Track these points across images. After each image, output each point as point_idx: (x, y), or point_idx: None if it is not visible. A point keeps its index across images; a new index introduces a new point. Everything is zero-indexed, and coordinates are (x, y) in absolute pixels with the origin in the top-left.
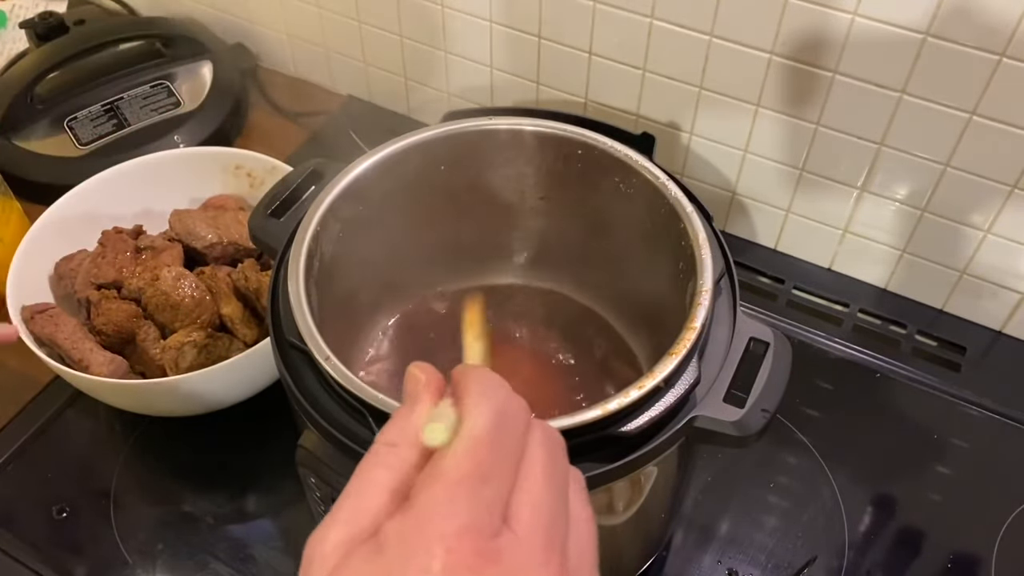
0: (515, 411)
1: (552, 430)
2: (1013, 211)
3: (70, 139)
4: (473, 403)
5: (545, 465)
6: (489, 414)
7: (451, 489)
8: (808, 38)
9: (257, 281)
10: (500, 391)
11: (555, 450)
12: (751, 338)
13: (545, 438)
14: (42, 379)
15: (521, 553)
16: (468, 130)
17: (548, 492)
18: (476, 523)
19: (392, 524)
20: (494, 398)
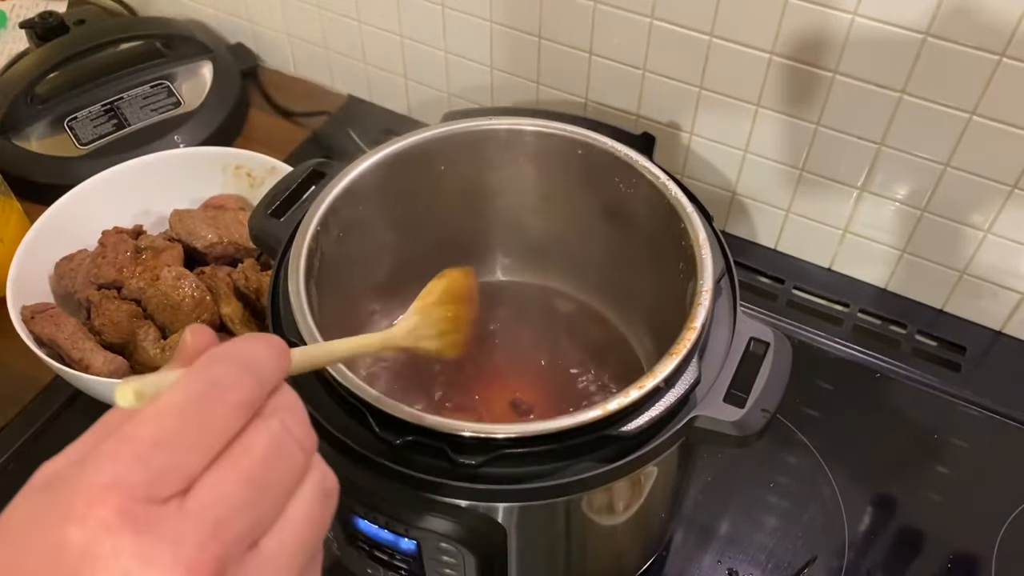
0: (236, 390)
1: (300, 427)
2: (1013, 211)
3: (70, 139)
4: (188, 372)
5: (260, 456)
6: (196, 385)
7: (117, 446)
8: (808, 38)
9: (257, 281)
10: (228, 366)
11: (285, 447)
12: (751, 338)
13: (280, 433)
14: (42, 379)
15: (178, 528)
16: (468, 130)
17: (247, 482)
18: (131, 484)
19: (64, 469)
20: (212, 371)
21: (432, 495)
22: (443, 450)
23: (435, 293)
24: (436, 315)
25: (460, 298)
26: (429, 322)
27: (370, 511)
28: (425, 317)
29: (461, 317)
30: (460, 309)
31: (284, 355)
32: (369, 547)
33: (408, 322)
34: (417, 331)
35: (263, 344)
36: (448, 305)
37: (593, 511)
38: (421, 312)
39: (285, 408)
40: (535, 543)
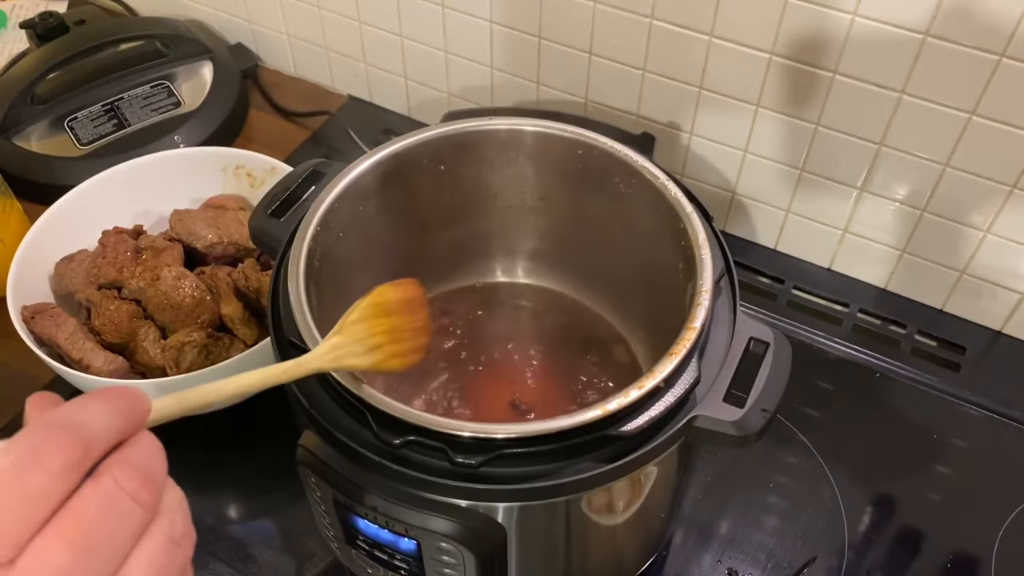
0: (56, 454)
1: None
2: (1013, 211)
3: (70, 139)
4: (9, 443)
5: (88, 519)
6: (16, 454)
7: None
8: (808, 38)
9: (257, 281)
10: (49, 432)
11: (117, 504)
12: (751, 338)
13: (111, 491)
14: (42, 379)
15: None
16: (468, 130)
17: (73, 545)
18: None
19: None
20: (32, 438)
21: (432, 495)
22: (443, 450)
23: (357, 310)
24: (360, 332)
25: (392, 310)
26: (353, 339)
27: (370, 511)
28: (347, 336)
29: (401, 328)
30: (396, 321)
31: (130, 410)
32: (369, 547)
33: (326, 344)
34: (338, 351)
35: (98, 402)
36: (376, 320)
37: (593, 511)
38: (342, 331)
39: (124, 462)
40: (535, 543)
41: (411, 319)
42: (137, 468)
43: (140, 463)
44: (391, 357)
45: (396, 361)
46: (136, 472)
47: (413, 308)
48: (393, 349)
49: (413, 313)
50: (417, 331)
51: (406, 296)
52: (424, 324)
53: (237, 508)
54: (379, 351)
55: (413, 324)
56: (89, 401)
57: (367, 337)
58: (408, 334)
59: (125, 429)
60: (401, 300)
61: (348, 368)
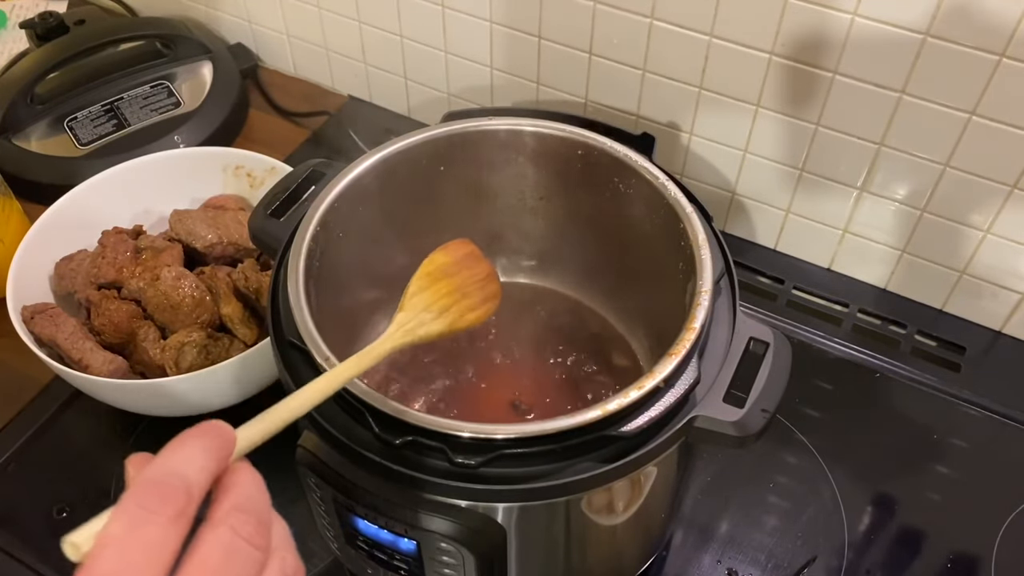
0: (164, 505)
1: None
2: (1013, 211)
3: (70, 139)
4: (117, 505)
5: (214, 569)
6: (126, 514)
7: None
8: (808, 38)
9: (257, 281)
10: (149, 486)
11: (239, 552)
12: (751, 338)
13: (232, 541)
14: (42, 379)
15: None
16: (468, 130)
17: None
18: None
19: None
20: (137, 495)
21: (432, 495)
22: (443, 450)
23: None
24: (423, 301)
25: (449, 272)
26: (417, 311)
27: (370, 511)
28: (410, 310)
29: (465, 283)
30: (457, 280)
31: (219, 445)
32: (369, 547)
33: (392, 324)
34: (406, 326)
35: (189, 447)
36: (435, 285)
37: (593, 511)
38: (404, 308)
39: (235, 509)
40: (535, 543)
41: (473, 272)
42: (250, 513)
43: (251, 507)
44: (465, 313)
45: (472, 315)
46: (249, 517)
47: (471, 263)
48: (464, 305)
49: (473, 267)
50: (484, 281)
51: (459, 255)
52: (489, 272)
53: None
54: (450, 312)
55: (477, 276)
56: (181, 447)
57: (433, 303)
58: (475, 287)
59: (219, 465)
60: (455, 260)
61: (424, 338)
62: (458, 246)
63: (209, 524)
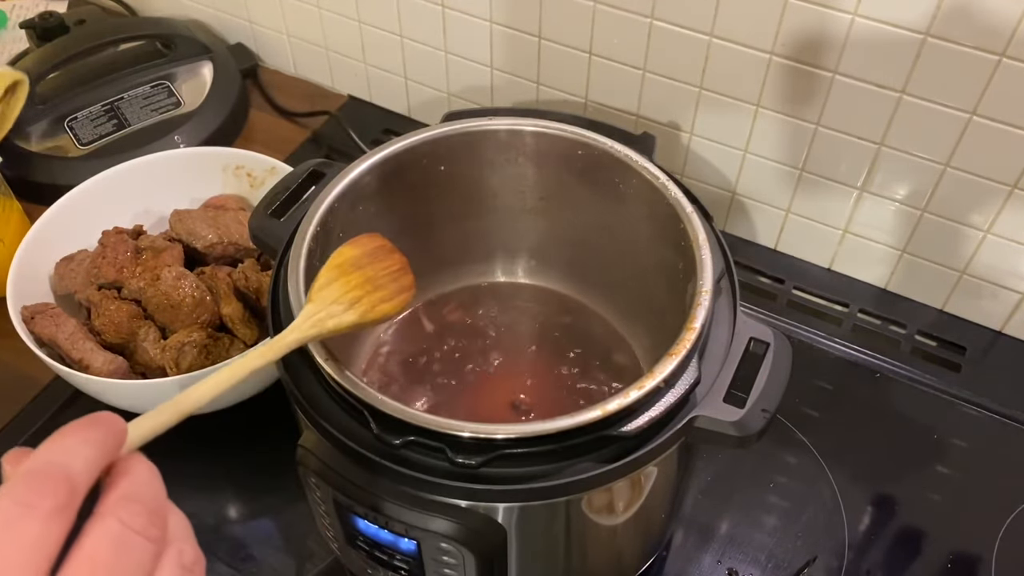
0: (43, 498)
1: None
2: (1013, 211)
3: (70, 139)
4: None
5: (103, 564)
6: (3, 509)
7: None
8: (808, 38)
9: (257, 281)
10: (31, 479)
11: (129, 544)
12: (751, 338)
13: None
14: (42, 379)
15: None
16: (468, 130)
17: None
18: None
19: None
20: (16, 489)
21: (432, 495)
22: (443, 450)
23: (321, 277)
24: (332, 293)
25: (359, 264)
26: (327, 302)
27: (370, 511)
28: (319, 302)
29: (377, 276)
30: (369, 271)
31: (105, 437)
32: (369, 547)
33: (299, 316)
34: (314, 317)
35: (72, 438)
36: (345, 277)
37: (593, 511)
38: (312, 299)
39: (124, 498)
40: (535, 543)
41: (384, 265)
42: (140, 503)
43: (142, 497)
44: (377, 304)
45: (385, 306)
46: (140, 507)
47: (382, 255)
48: (377, 296)
49: (384, 260)
50: (396, 273)
51: (369, 247)
52: (402, 266)
53: (237, 508)
54: (361, 303)
55: (389, 268)
56: (62, 439)
57: (343, 295)
58: (387, 278)
59: (105, 457)
60: (365, 253)
61: (333, 330)
62: (368, 239)
63: (96, 516)
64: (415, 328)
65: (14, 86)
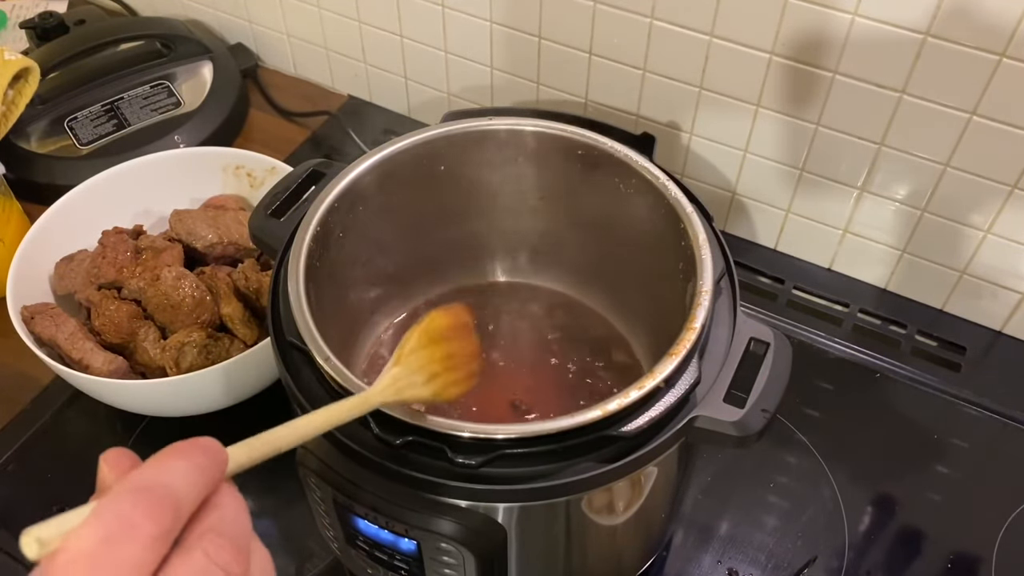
0: (147, 522)
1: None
2: (1013, 211)
3: (70, 139)
4: (95, 510)
5: None
6: (105, 525)
7: None
8: (808, 38)
9: (257, 281)
10: (138, 496)
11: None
12: (751, 338)
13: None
14: (42, 379)
15: None
16: (468, 130)
17: None
18: None
19: None
20: (121, 505)
21: (432, 495)
22: (443, 450)
23: (413, 339)
24: (417, 361)
25: (446, 337)
26: (411, 370)
27: (370, 511)
28: (406, 367)
29: (456, 355)
30: (451, 347)
31: (212, 465)
32: (369, 547)
33: (387, 376)
34: (398, 383)
35: (182, 461)
36: (433, 347)
37: (593, 511)
38: (400, 362)
39: (211, 531)
40: (535, 543)
41: (464, 344)
42: (227, 537)
43: (229, 531)
44: (449, 386)
45: (454, 390)
46: (226, 542)
47: (464, 334)
48: (450, 378)
49: (465, 339)
50: (469, 357)
51: (458, 322)
52: (475, 349)
53: None
54: (437, 380)
55: (466, 350)
56: (171, 459)
57: (426, 366)
58: (462, 360)
59: (209, 486)
60: (453, 326)
61: (409, 400)
62: (460, 312)
63: (182, 547)
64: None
65: (24, 72)
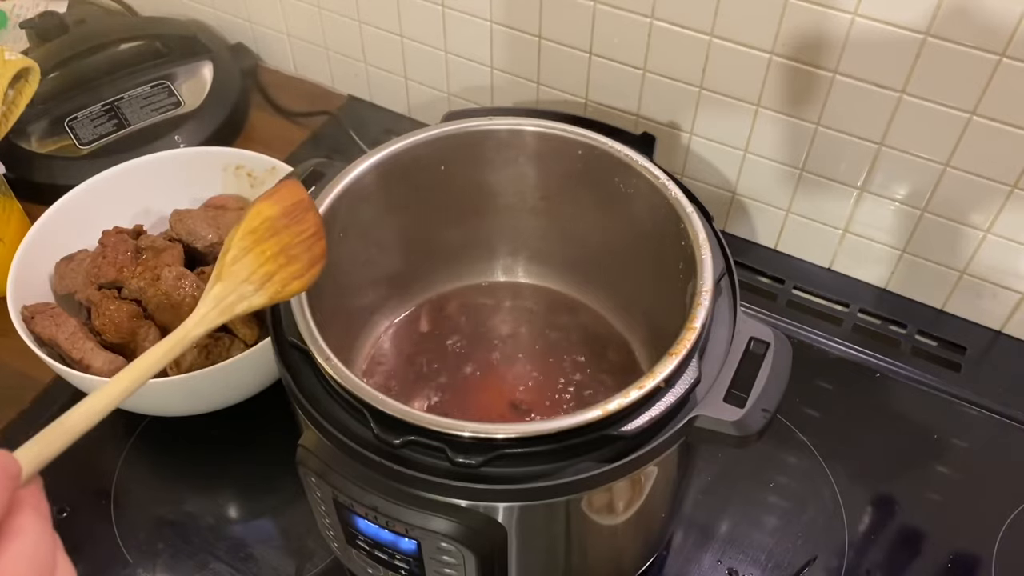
0: None
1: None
2: (1013, 211)
3: (70, 139)
4: None
5: None
6: None
7: None
8: (808, 38)
9: None
10: None
11: None
12: (751, 338)
13: None
14: (42, 379)
15: None
16: (468, 130)
17: None
18: None
19: None
20: None
21: (432, 495)
22: (443, 450)
23: (234, 244)
24: (245, 269)
25: (275, 229)
26: (238, 281)
27: (370, 511)
28: (230, 281)
29: (292, 244)
30: (284, 238)
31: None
32: (369, 547)
33: (208, 299)
34: (224, 302)
35: None
36: (261, 247)
37: (593, 511)
38: (223, 277)
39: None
40: (535, 543)
41: (301, 229)
42: (23, 550)
43: (26, 565)
44: (289, 281)
45: (296, 284)
46: (21, 553)
47: (299, 214)
48: (288, 272)
49: (301, 221)
50: (310, 240)
51: (287, 205)
52: (316, 229)
53: (237, 508)
54: (273, 281)
55: (304, 233)
56: None
57: (256, 270)
58: (300, 248)
59: (8, 496)
60: (283, 212)
61: (242, 314)
62: (287, 192)
63: None
64: (415, 328)
65: (25, 72)
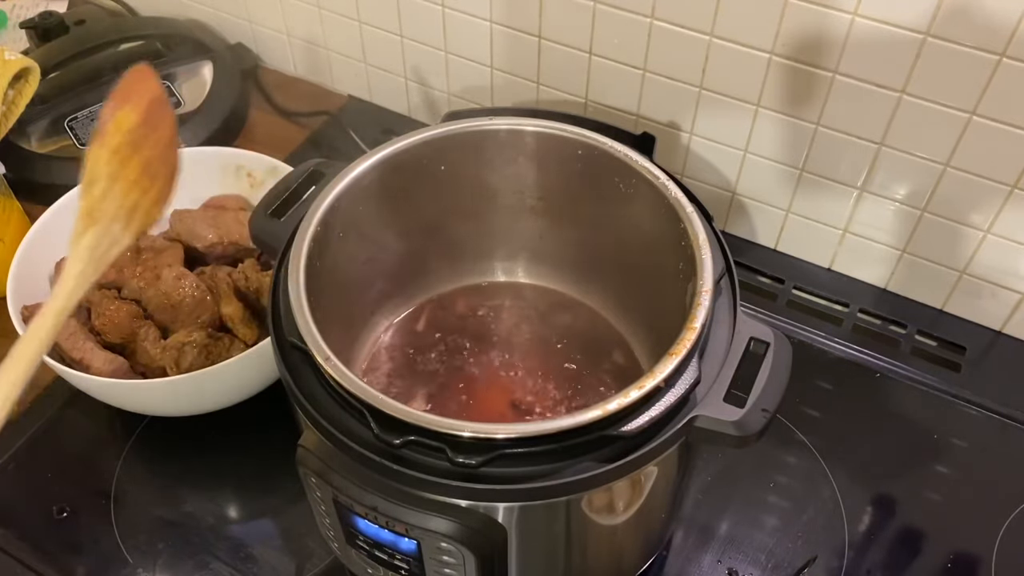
0: None
1: None
2: (1013, 211)
3: (70, 139)
4: None
5: None
6: None
7: None
8: (808, 38)
9: (257, 281)
10: None
11: None
12: (751, 338)
13: None
14: (42, 379)
15: None
16: (468, 130)
17: None
18: None
19: None
20: None
21: (432, 495)
22: (443, 450)
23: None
24: (114, 203)
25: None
26: (109, 221)
27: (370, 511)
28: (102, 223)
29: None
30: (146, 150)
31: None
32: (369, 547)
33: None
34: (97, 250)
35: None
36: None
37: (593, 511)
38: (95, 218)
39: None
40: (535, 543)
41: (158, 137)
42: None
43: None
44: (152, 207)
45: (157, 210)
46: None
47: (156, 118)
48: (150, 198)
49: (158, 126)
50: (167, 150)
51: (145, 104)
52: (172, 131)
53: (237, 508)
54: (138, 212)
55: (161, 143)
56: None
57: (122, 203)
58: (159, 162)
59: None
60: (143, 119)
61: (115, 258)
62: (142, 85)
63: None
64: (415, 328)
65: (25, 72)
